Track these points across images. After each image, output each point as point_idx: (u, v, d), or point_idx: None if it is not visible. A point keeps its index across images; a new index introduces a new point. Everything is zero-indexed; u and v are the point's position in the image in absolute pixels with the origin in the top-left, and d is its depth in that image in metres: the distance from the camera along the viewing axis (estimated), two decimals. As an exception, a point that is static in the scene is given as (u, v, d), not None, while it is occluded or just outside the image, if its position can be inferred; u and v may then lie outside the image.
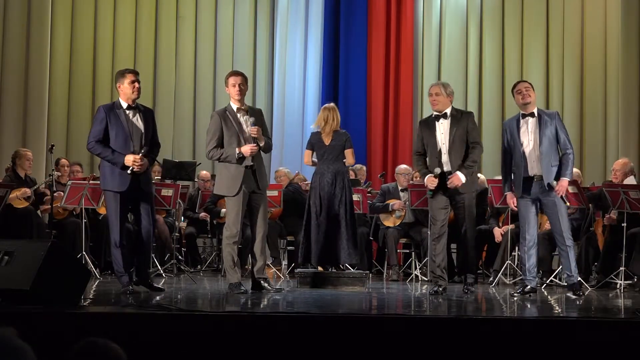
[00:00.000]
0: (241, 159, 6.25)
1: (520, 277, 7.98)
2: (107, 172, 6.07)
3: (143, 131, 6.12)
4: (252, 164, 6.31)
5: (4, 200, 7.65)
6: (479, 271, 8.66)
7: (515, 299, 6.22)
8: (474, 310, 5.58)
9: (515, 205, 6.56)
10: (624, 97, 10.64)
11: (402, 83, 11.54)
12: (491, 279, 8.02)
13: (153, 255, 8.27)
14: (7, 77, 10.44)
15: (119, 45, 11.26)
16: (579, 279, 6.69)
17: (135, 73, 6.22)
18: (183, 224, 9.54)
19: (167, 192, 8.27)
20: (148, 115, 6.24)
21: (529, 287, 6.39)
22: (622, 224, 7.28)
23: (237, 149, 6.24)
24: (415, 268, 8.52)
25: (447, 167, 6.41)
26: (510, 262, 7.96)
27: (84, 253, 7.69)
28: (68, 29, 11.07)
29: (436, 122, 6.46)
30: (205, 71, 11.49)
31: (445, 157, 6.41)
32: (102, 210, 8.43)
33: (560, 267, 7.60)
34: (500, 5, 11.60)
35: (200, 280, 7.95)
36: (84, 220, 7.90)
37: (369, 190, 9.30)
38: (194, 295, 6.26)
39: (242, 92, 6.34)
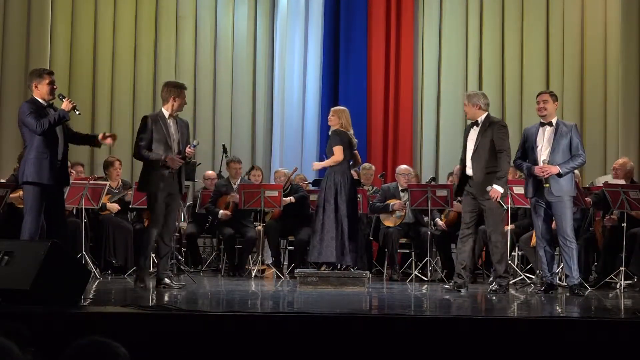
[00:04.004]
0: (164, 166, 6.56)
1: (521, 278, 8.01)
2: (35, 165, 6.08)
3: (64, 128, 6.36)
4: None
5: (3, 200, 7.65)
6: (478, 271, 8.67)
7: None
8: (474, 311, 5.58)
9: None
10: (624, 96, 10.62)
11: (402, 83, 11.52)
12: (491, 279, 8.01)
13: (153, 255, 8.28)
14: (7, 77, 10.42)
15: (119, 45, 11.24)
16: (580, 279, 6.77)
17: (53, 74, 6.38)
18: (183, 224, 9.53)
19: (167, 192, 8.25)
20: None
21: (549, 283, 6.74)
22: (622, 224, 7.30)
23: (162, 156, 6.55)
24: (415, 268, 8.52)
25: (470, 172, 6.84)
26: (510, 262, 7.95)
27: (84, 253, 7.69)
28: (68, 29, 11.04)
29: (471, 129, 6.92)
30: (205, 71, 11.46)
31: (468, 162, 6.84)
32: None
33: (561, 267, 7.60)
34: (501, 4, 11.58)
35: (200, 280, 7.95)
36: (84, 220, 7.89)
37: (372, 190, 9.28)
38: (194, 295, 6.26)
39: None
